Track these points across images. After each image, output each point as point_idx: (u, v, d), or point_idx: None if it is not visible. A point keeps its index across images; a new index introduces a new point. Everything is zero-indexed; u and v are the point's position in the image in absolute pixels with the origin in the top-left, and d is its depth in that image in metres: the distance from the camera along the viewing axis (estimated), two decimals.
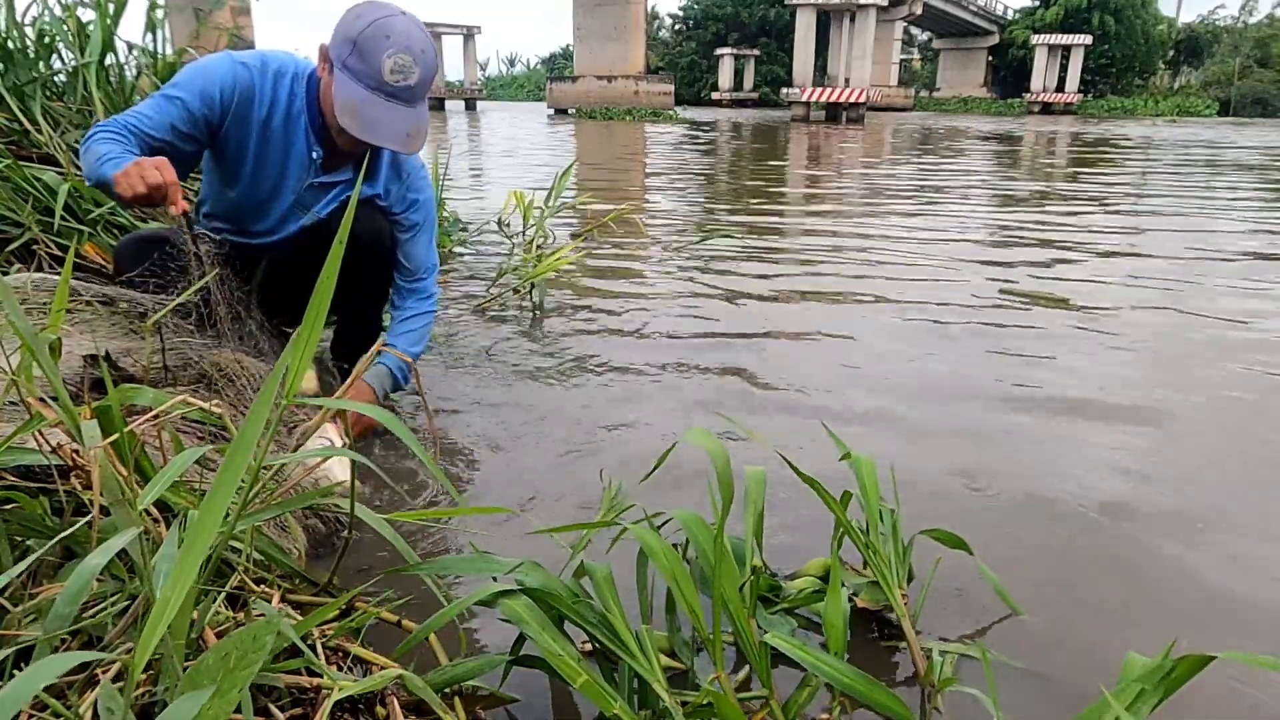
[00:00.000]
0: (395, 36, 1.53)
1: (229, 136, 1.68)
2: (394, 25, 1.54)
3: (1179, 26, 49.89)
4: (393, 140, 1.59)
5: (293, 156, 1.73)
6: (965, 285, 3.57)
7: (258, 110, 1.67)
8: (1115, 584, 1.36)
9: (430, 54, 1.59)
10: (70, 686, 0.77)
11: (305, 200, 1.80)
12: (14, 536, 0.93)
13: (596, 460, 1.75)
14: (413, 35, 1.56)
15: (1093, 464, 1.80)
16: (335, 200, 1.84)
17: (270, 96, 1.67)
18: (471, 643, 1.17)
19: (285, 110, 1.69)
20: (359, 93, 1.55)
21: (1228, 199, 6.98)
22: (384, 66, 1.53)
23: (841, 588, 1.06)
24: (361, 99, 1.55)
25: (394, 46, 1.53)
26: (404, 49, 1.54)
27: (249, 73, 1.65)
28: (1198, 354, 2.60)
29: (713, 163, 10.73)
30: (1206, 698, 1.07)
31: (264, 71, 1.67)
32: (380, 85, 1.54)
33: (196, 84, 1.62)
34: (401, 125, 1.58)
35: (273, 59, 1.69)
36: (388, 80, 1.54)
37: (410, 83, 1.56)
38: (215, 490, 0.66)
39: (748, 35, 47.77)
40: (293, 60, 1.72)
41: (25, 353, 0.91)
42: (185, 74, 1.64)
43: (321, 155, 1.74)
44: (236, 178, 1.75)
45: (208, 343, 1.59)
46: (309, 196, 1.80)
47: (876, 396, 2.19)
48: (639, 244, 4.41)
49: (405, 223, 1.91)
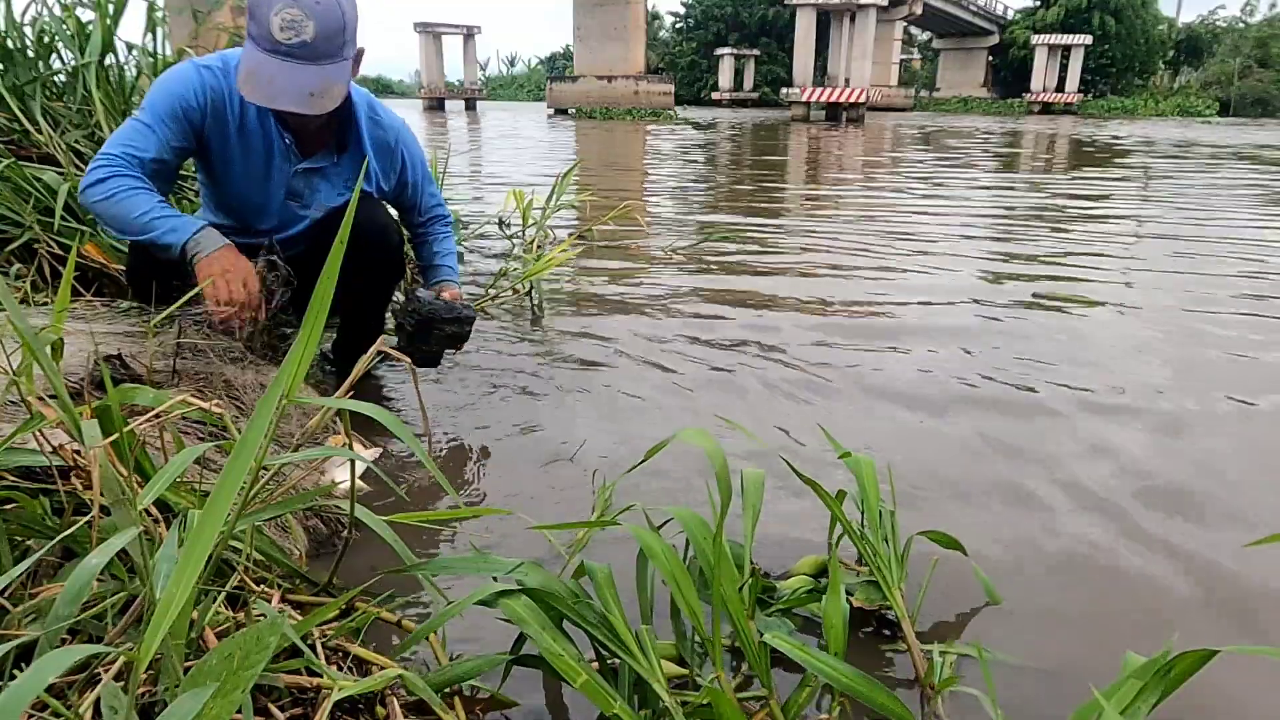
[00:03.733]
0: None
1: (210, 141, 1.69)
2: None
3: (1179, 27, 49.90)
4: (293, 101, 1.52)
5: (271, 147, 1.73)
6: (966, 286, 3.56)
7: (230, 110, 1.67)
8: (1116, 583, 1.36)
9: (329, 5, 1.52)
10: (70, 686, 0.77)
11: (296, 189, 1.80)
12: (14, 536, 0.93)
13: (596, 461, 1.75)
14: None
15: (1094, 462, 1.80)
16: (333, 190, 1.84)
17: (236, 91, 1.65)
18: (472, 643, 1.17)
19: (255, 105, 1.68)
20: (255, 56, 1.50)
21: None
22: (273, 25, 1.48)
23: (841, 588, 1.06)
24: (257, 63, 1.50)
25: (280, 2, 1.48)
26: (290, 3, 1.48)
27: (214, 75, 1.65)
28: (1208, 354, 2.60)
29: (713, 163, 10.72)
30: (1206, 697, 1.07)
31: (225, 70, 1.66)
32: (274, 45, 1.49)
33: (173, 100, 1.61)
34: (301, 84, 1.51)
35: (232, 56, 1.68)
36: (280, 39, 1.49)
37: (305, 38, 1.50)
38: (218, 490, 0.66)
39: (748, 35, 47.78)
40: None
41: (26, 352, 0.91)
42: (157, 94, 1.62)
43: (292, 140, 1.73)
44: (228, 178, 1.75)
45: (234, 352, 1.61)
46: (298, 183, 1.79)
47: (877, 397, 2.19)
48: (639, 244, 4.41)
49: (408, 183, 1.95)
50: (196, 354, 1.56)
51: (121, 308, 1.88)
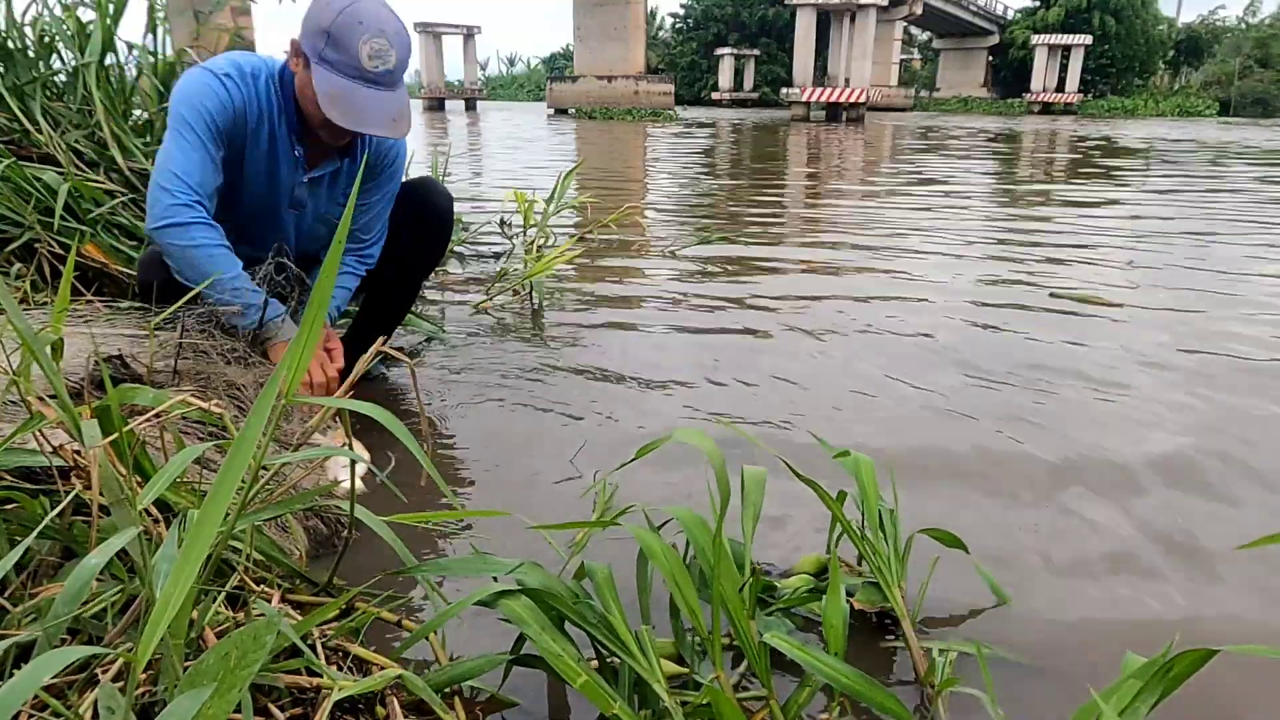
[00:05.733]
0: (368, 21, 1.52)
1: (231, 152, 1.68)
2: (363, 11, 1.52)
3: (1179, 27, 49.90)
4: (381, 126, 1.57)
5: (281, 158, 1.73)
6: (967, 285, 3.57)
7: (249, 120, 1.67)
8: (1117, 581, 1.36)
9: (403, 34, 1.58)
10: (70, 686, 0.77)
11: (299, 198, 1.80)
12: (14, 537, 0.93)
13: (596, 461, 1.75)
14: (384, 18, 1.54)
15: (1095, 462, 1.80)
16: (329, 198, 1.85)
17: (255, 103, 1.66)
18: (471, 643, 1.17)
19: (267, 113, 1.68)
20: (340, 83, 1.53)
21: None
22: (361, 53, 1.51)
23: (841, 588, 1.06)
24: (344, 89, 1.53)
25: (368, 32, 1.51)
26: (378, 33, 1.52)
27: (236, 86, 1.64)
28: (1216, 353, 2.60)
29: (713, 163, 10.72)
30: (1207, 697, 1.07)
31: (242, 79, 1.65)
32: (361, 73, 1.53)
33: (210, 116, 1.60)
34: (387, 110, 1.57)
35: (245, 62, 1.68)
36: (367, 67, 1.52)
37: (389, 66, 1.55)
38: (216, 489, 0.66)
39: (748, 35, 47.78)
40: (262, 60, 1.71)
41: (25, 352, 0.91)
42: (194, 109, 1.59)
43: (303, 152, 1.74)
44: (240, 187, 1.74)
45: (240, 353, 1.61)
46: (301, 193, 1.80)
47: (877, 398, 2.19)
48: (639, 244, 4.41)
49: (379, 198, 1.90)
50: (198, 354, 1.56)
51: (122, 307, 1.88)
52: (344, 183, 1.85)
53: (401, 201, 1.96)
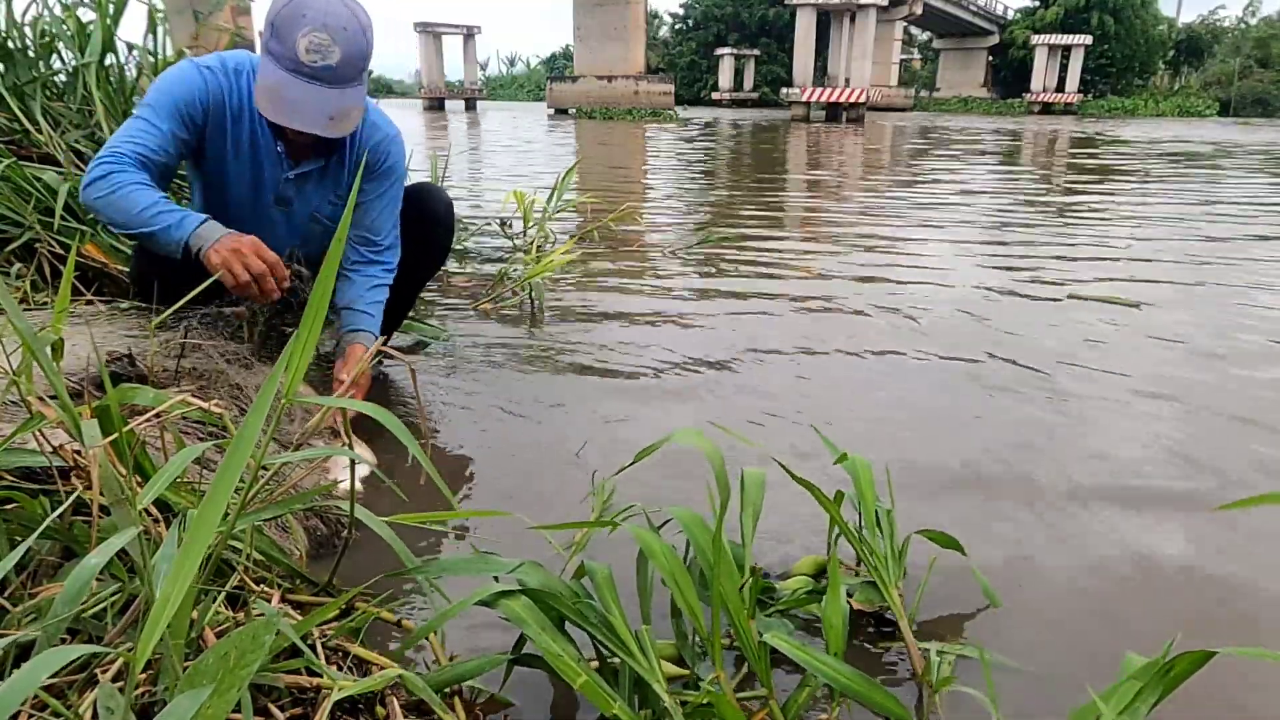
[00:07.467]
0: (311, 14, 1.48)
1: (208, 143, 1.68)
2: (311, 4, 1.48)
3: (1179, 27, 49.90)
4: (312, 124, 1.53)
5: (263, 154, 1.72)
6: (969, 284, 3.56)
7: (229, 113, 1.66)
8: (1117, 580, 1.36)
9: (355, 32, 1.52)
10: (70, 686, 0.77)
11: (285, 194, 1.79)
12: (14, 537, 0.93)
13: (595, 462, 1.75)
14: (332, 12, 1.49)
15: (1095, 462, 1.80)
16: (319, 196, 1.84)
17: (236, 96, 1.65)
18: (471, 643, 1.17)
19: (248, 108, 1.66)
20: (276, 75, 1.50)
21: None
22: (299, 46, 1.48)
23: (841, 588, 1.06)
24: (278, 81, 1.50)
25: (309, 24, 1.48)
26: (319, 26, 1.48)
27: (215, 77, 1.64)
28: (1223, 355, 2.60)
29: (713, 163, 10.72)
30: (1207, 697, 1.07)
31: (224, 72, 1.65)
32: (297, 66, 1.49)
33: (175, 99, 1.60)
34: (323, 108, 1.52)
35: (230, 58, 1.68)
36: (304, 61, 1.49)
37: (330, 62, 1.50)
38: (215, 489, 0.66)
39: (748, 35, 47.79)
40: (247, 56, 1.71)
41: (26, 352, 0.91)
42: (159, 92, 1.61)
43: (285, 148, 1.72)
44: (222, 182, 1.74)
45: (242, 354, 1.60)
46: (287, 190, 1.79)
47: (877, 399, 2.19)
48: (639, 245, 4.41)
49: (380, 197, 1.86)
50: (200, 354, 1.56)
51: (122, 307, 1.88)
52: (334, 180, 1.84)
53: (402, 207, 1.95)
